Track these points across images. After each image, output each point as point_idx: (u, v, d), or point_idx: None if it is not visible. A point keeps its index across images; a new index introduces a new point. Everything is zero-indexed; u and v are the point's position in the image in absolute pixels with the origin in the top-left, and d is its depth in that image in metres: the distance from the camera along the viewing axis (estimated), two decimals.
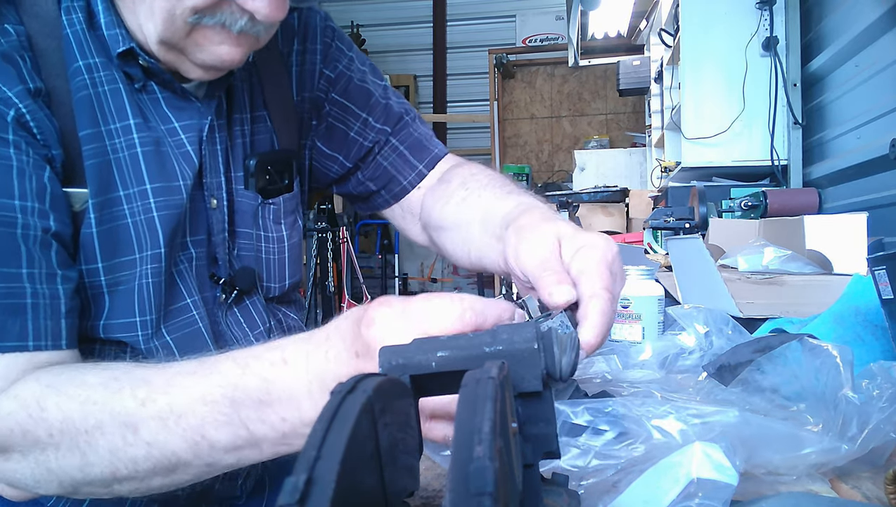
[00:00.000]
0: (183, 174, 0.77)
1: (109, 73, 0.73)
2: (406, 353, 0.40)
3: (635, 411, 0.55)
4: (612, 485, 0.47)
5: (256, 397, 0.55)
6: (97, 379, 0.59)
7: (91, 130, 0.71)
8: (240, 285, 0.84)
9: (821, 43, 2.37)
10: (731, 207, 2.08)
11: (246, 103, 0.87)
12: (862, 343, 0.82)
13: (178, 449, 0.56)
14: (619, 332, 0.93)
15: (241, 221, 0.85)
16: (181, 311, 0.78)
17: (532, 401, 0.39)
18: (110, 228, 0.72)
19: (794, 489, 0.53)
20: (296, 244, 0.93)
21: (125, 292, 0.73)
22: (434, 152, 1.00)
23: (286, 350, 0.57)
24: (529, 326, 0.40)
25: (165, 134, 0.77)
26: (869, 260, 0.79)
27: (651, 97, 3.83)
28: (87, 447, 0.57)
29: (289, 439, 0.56)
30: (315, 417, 0.55)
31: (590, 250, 0.60)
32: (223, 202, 0.82)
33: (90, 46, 0.72)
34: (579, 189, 3.81)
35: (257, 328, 0.86)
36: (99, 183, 0.71)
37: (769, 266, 1.29)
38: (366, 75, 0.98)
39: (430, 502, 0.52)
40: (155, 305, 0.75)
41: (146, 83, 0.76)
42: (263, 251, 0.88)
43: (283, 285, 0.91)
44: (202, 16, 0.68)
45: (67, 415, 0.57)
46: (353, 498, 0.27)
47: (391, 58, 5.96)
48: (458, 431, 0.27)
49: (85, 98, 0.71)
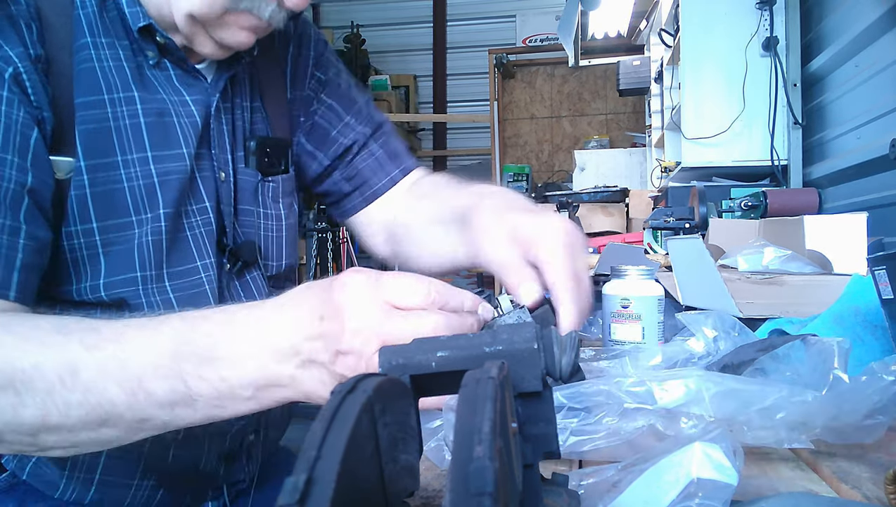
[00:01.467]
0: (187, 142, 0.80)
1: (115, 52, 0.77)
2: (406, 353, 0.40)
3: (607, 386, 0.56)
4: (612, 485, 0.47)
5: (200, 353, 0.56)
6: (49, 324, 0.59)
7: (91, 98, 0.74)
8: (243, 256, 0.87)
9: (821, 43, 2.37)
10: (731, 207, 2.08)
11: (247, 93, 0.91)
12: (862, 343, 0.82)
13: (115, 397, 0.56)
14: (619, 332, 0.92)
15: (242, 197, 0.89)
16: (190, 272, 0.80)
17: (532, 401, 0.39)
18: (105, 190, 0.74)
19: (785, 475, 0.53)
20: (293, 225, 0.97)
21: (123, 251, 0.75)
22: (407, 163, 1.04)
23: (237, 313, 0.58)
24: (529, 326, 0.40)
25: (176, 104, 0.80)
26: (869, 260, 0.79)
27: (651, 97, 3.83)
28: (21, 386, 0.56)
29: (224, 400, 0.56)
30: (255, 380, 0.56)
31: (547, 236, 0.64)
32: (230, 177, 0.86)
33: (99, 27, 0.76)
34: (579, 189, 3.81)
35: None
36: (94, 147, 0.74)
37: (769, 266, 1.29)
38: (351, 87, 1.04)
39: (430, 502, 0.52)
40: (155, 261, 0.77)
41: (160, 60, 0.79)
42: (263, 228, 0.91)
43: (281, 264, 0.94)
44: (239, 1, 0.73)
45: (9, 352, 0.57)
46: (353, 498, 0.27)
47: (391, 58, 5.96)
48: (458, 431, 0.27)
49: (88, 70, 0.75)
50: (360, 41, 5.18)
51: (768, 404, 0.55)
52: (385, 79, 5.42)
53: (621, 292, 0.92)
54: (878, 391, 0.56)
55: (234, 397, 0.56)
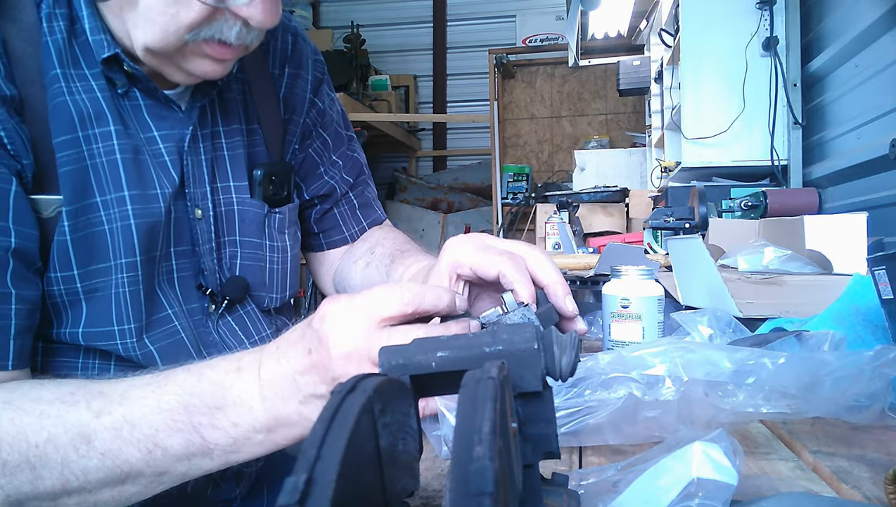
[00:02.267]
0: (160, 183, 0.77)
1: (87, 83, 0.73)
2: (406, 353, 0.40)
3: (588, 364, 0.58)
4: (612, 485, 0.47)
5: (210, 402, 0.57)
6: (53, 394, 0.59)
7: (67, 137, 0.71)
8: (229, 294, 0.84)
9: (821, 43, 2.37)
10: (731, 207, 2.08)
11: (242, 116, 0.88)
12: (862, 343, 0.82)
13: (132, 458, 0.57)
14: (619, 332, 0.92)
15: (247, 230, 0.86)
16: (162, 321, 0.78)
17: (532, 401, 0.39)
18: (86, 234, 0.72)
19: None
20: (297, 256, 0.96)
21: (102, 299, 0.73)
22: (377, 215, 1.06)
23: (242, 360, 0.59)
24: (529, 326, 0.40)
25: (144, 142, 0.76)
26: (869, 260, 0.79)
27: (651, 97, 3.83)
28: (37, 461, 0.57)
29: (239, 445, 0.57)
30: (266, 423, 0.57)
31: (525, 249, 0.67)
32: (209, 212, 0.82)
33: (68, 57, 0.72)
34: (579, 189, 3.81)
35: (252, 337, 0.87)
36: (74, 189, 0.71)
37: (769, 266, 1.29)
38: (342, 120, 1.04)
39: (430, 502, 0.52)
40: (134, 314, 0.74)
41: (129, 89, 0.76)
42: (268, 261, 0.89)
43: (285, 295, 0.92)
44: (199, 30, 0.68)
45: (20, 430, 0.57)
46: (353, 498, 0.27)
47: (391, 58, 5.95)
48: (458, 431, 0.27)
49: (62, 105, 0.71)
50: (360, 41, 5.18)
51: (738, 367, 0.55)
52: (385, 79, 5.41)
53: (621, 292, 0.92)
54: (863, 369, 0.56)
55: (249, 442, 0.57)
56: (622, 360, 0.58)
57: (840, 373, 0.56)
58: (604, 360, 0.59)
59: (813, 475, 0.56)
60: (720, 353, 0.57)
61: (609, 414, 0.55)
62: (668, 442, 0.49)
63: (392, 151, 5.79)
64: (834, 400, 0.57)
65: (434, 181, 5.72)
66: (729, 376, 0.56)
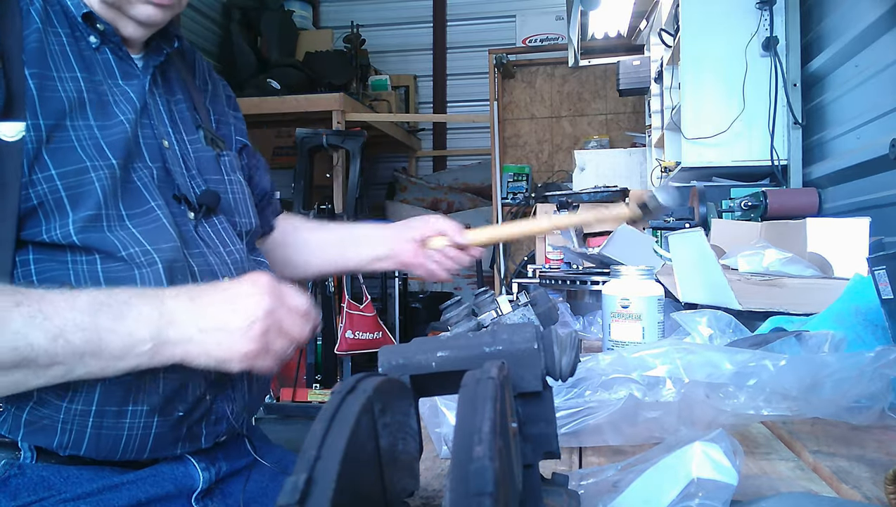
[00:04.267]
0: (124, 111, 0.90)
1: (60, 39, 0.88)
2: (406, 353, 0.40)
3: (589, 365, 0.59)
4: (612, 485, 0.47)
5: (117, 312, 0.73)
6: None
7: (41, 71, 0.84)
8: (205, 202, 0.97)
9: (821, 43, 2.37)
10: (731, 207, 2.08)
11: (182, 91, 1.05)
12: (862, 343, 0.82)
13: (36, 342, 0.69)
14: (619, 332, 0.92)
15: (207, 168, 1.02)
16: (146, 213, 0.89)
17: (532, 401, 0.39)
18: (58, 147, 0.83)
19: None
20: (251, 195, 1.14)
21: (87, 193, 0.83)
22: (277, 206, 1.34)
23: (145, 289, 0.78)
24: (529, 326, 0.40)
25: (112, 87, 0.92)
26: (869, 260, 0.79)
27: (651, 97, 3.83)
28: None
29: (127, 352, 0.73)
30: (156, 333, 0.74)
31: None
32: (174, 146, 0.97)
33: (46, 18, 0.87)
34: (579, 189, 3.81)
35: (228, 246, 0.99)
36: (46, 110, 0.82)
37: (769, 268, 1.29)
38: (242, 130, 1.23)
39: (430, 502, 0.52)
40: (113, 203, 0.85)
41: (100, 46, 0.92)
42: (230, 192, 1.05)
43: (251, 221, 1.09)
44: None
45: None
46: (353, 498, 0.27)
47: (391, 58, 5.95)
48: (458, 431, 0.27)
49: (38, 49, 0.84)
50: (360, 41, 5.17)
51: (739, 369, 0.55)
52: (385, 79, 5.41)
53: (621, 292, 0.92)
54: (863, 371, 0.56)
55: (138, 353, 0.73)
56: (623, 361, 0.58)
57: (841, 374, 0.56)
58: (604, 361, 0.59)
59: (813, 475, 0.56)
60: (721, 354, 0.57)
61: (609, 415, 0.55)
62: (668, 442, 0.49)
63: (392, 151, 5.79)
64: (835, 401, 0.57)
65: (434, 181, 5.72)
66: (730, 378, 0.56)
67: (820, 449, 0.60)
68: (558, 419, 0.52)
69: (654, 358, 0.57)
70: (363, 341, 3.62)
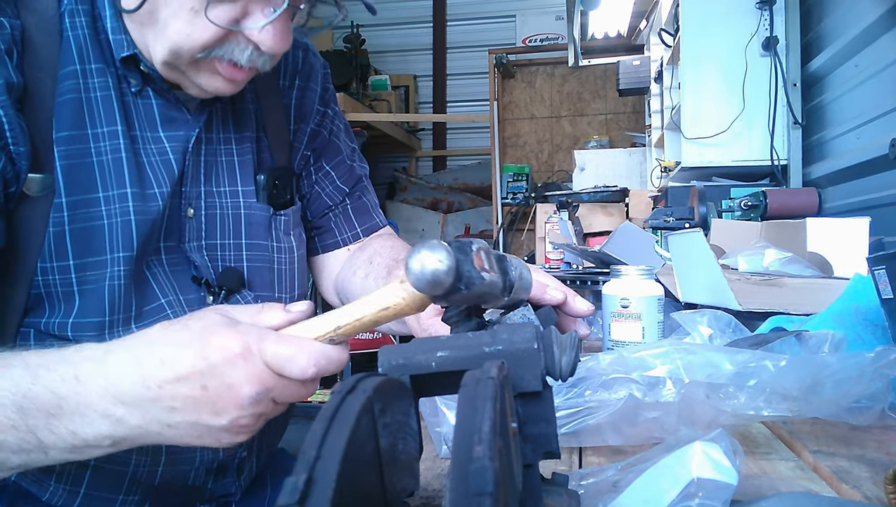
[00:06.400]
0: (159, 182, 0.79)
1: (104, 80, 0.76)
2: (406, 353, 0.40)
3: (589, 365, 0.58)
4: (612, 485, 0.47)
5: (45, 409, 0.54)
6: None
7: (74, 132, 0.74)
8: (225, 284, 0.86)
9: (821, 43, 2.37)
10: (730, 207, 2.08)
11: (252, 124, 0.91)
12: (862, 343, 0.82)
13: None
14: (619, 332, 0.92)
15: (254, 232, 0.89)
16: (154, 311, 0.80)
17: (532, 401, 0.39)
18: (85, 227, 0.74)
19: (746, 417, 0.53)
20: (303, 256, 0.98)
21: (95, 291, 0.75)
22: (374, 221, 1.07)
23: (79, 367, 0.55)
24: (529, 326, 0.40)
25: (150, 141, 0.79)
26: (869, 260, 0.79)
27: (651, 97, 3.83)
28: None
29: (79, 450, 0.56)
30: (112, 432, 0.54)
31: None
32: (200, 212, 0.85)
33: (90, 52, 0.75)
34: (579, 189, 3.81)
35: None
36: (75, 182, 0.73)
37: (769, 268, 1.29)
38: (341, 132, 1.06)
39: (430, 502, 0.52)
40: (125, 304, 0.77)
41: (143, 88, 0.79)
42: (276, 262, 0.91)
43: (294, 295, 0.94)
44: (211, 50, 0.72)
45: None
46: (353, 498, 0.27)
47: (391, 58, 5.95)
48: (459, 431, 0.27)
49: (73, 101, 0.74)
50: (360, 41, 5.17)
51: (739, 369, 0.55)
52: (385, 79, 5.41)
53: (621, 292, 0.92)
54: (863, 371, 0.56)
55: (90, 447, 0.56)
56: (623, 361, 0.58)
57: (841, 375, 0.56)
58: (604, 361, 0.59)
59: (813, 475, 0.56)
60: (721, 355, 0.57)
61: (609, 415, 0.55)
62: (668, 442, 0.49)
63: (392, 151, 5.78)
64: (835, 402, 0.57)
65: (434, 181, 5.71)
66: (730, 378, 0.56)
67: (820, 449, 0.60)
68: (558, 419, 0.52)
69: (654, 358, 0.57)
70: (363, 341, 3.62)
